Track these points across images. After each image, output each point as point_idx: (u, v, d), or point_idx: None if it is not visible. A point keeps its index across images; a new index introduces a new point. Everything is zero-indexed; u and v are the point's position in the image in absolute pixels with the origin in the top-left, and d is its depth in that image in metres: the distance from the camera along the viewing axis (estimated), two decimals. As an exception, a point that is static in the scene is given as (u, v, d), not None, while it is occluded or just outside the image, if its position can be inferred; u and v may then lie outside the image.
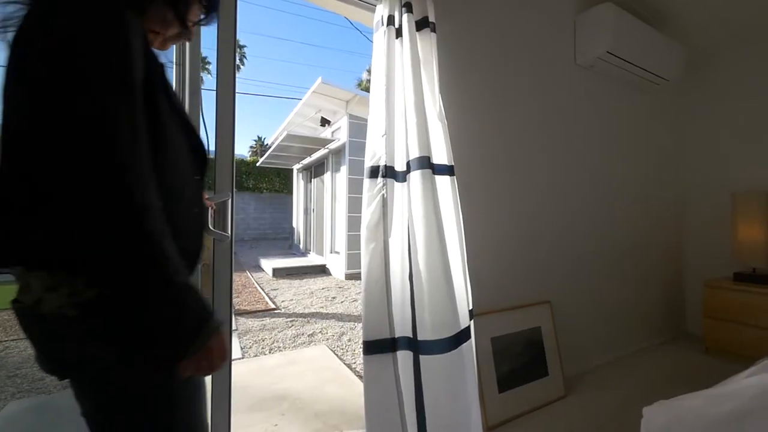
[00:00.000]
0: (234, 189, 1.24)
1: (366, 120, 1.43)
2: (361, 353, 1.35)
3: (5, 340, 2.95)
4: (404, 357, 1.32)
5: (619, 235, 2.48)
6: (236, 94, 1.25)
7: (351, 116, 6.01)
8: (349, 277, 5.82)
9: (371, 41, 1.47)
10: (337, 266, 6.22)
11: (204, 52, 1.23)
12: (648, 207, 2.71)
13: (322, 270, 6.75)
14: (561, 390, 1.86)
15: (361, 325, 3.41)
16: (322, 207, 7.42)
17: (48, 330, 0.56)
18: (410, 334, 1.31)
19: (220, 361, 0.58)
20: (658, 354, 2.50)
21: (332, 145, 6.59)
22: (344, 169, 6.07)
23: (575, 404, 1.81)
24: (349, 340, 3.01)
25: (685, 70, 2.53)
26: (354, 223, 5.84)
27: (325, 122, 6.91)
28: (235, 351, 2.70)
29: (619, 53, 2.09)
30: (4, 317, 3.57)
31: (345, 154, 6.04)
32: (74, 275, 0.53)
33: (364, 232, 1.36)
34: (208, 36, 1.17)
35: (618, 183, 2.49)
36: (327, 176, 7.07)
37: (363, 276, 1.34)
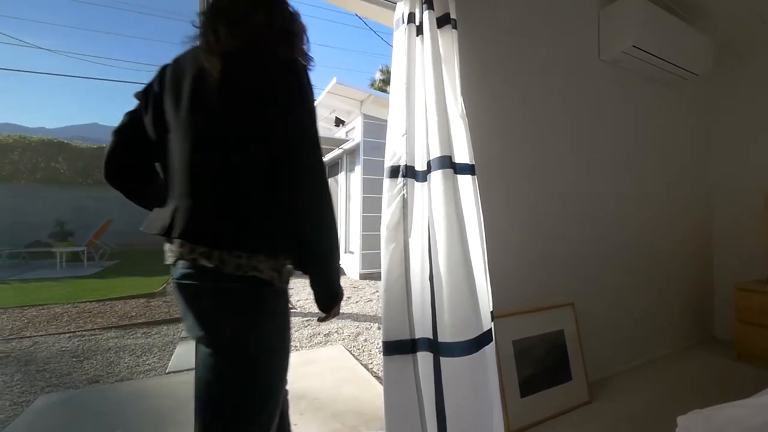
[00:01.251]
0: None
1: (380, 120, 1.42)
2: (378, 354, 1.34)
3: (34, 336, 3.06)
4: (424, 358, 1.30)
5: (646, 235, 2.39)
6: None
7: (365, 116, 6.00)
8: (363, 276, 5.83)
9: (385, 41, 1.46)
10: (352, 266, 6.24)
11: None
12: (676, 206, 2.61)
13: (336, 270, 6.77)
14: (585, 395, 1.81)
15: (377, 325, 3.40)
16: (336, 207, 7.44)
17: (249, 301, 0.74)
18: (430, 335, 1.29)
19: (338, 312, 0.88)
20: (686, 359, 2.40)
21: (346, 145, 6.60)
22: (359, 168, 6.07)
23: (600, 410, 1.76)
24: (365, 341, 3.00)
25: (714, 64, 2.42)
26: (368, 223, 5.84)
27: (339, 122, 6.93)
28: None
29: (645, 47, 2.02)
30: (33, 313, 3.71)
31: (359, 153, 6.04)
32: (287, 258, 0.78)
33: (383, 233, 1.34)
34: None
35: (645, 181, 2.40)
36: (341, 176, 7.09)
37: (383, 276, 1.33)
